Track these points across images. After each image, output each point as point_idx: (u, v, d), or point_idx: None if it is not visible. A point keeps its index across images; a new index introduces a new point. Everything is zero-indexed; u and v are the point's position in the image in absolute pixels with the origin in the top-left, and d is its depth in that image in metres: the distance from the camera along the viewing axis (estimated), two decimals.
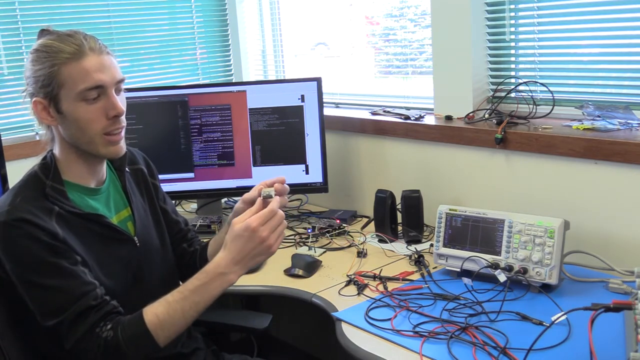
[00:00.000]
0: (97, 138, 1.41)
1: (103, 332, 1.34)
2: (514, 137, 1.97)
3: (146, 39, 2.88)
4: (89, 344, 1.33)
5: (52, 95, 1.38)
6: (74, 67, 1.36)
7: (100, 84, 1.38)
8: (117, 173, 1.59)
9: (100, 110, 1.40)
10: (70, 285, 1.34)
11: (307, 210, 2.59)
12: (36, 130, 2.56)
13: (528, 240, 1.68)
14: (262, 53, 3.17)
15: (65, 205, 1.40)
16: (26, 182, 1.43)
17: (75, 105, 1.38)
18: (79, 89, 1.36)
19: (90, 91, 1.37)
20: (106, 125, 1.41)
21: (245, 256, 1.38)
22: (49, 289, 1.34)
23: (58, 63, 1.36)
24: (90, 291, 1.36)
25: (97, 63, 1.38)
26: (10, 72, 2.51)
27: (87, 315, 1.34)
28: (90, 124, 1.40)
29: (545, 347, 1.38)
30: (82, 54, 1.37)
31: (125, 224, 1.56)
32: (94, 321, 1.34)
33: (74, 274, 1.35)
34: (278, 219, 1.41)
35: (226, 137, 2.40)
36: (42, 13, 2.56)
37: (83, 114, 1.39)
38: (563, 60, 2.05)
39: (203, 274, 1.38)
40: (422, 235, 2.15)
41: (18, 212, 1.33)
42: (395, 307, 1.64)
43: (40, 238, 1.33)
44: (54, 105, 1.39)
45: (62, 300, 1.33)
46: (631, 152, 1.71)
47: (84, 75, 1.36)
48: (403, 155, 2.37)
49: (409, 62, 2.56)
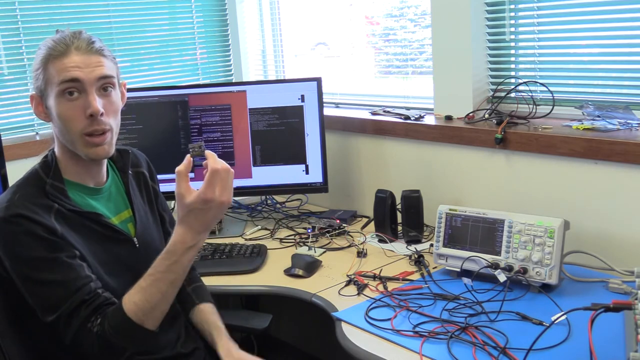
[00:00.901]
0: (77, 138, 1.42)
1: (94, 326, 1.36)
2: (514, 137, 1.97)
3: (146, 39, 2.88)
4: (84, 339, 1.36)
5: (41, 91, 1.43)
6: (57, 64, 1.39)
7: (75, 78, 1.39)
8: (120, 174, 1.60)
9: (80, 108, 1.40)
10: (67, 279, 1.36)
11: (307, 210, 2.59)
12: (36, 130, 2.56)
13: (528, 240, 1.68)
14: (262, 53, 3.17)
15: (65, 203, 1.41)
16: (26, 180, 1.44)
17: (57, 101, 1.41)
18: (56, 83, 1.39)
19: (66, 84, 1.39)
20: (85, 125, 1.41)
21: (208, 224, 1.39)
22: (47, 283, 1.35)
23: (47, 60, 1.40)
24: (85, 285, 1.37)
25: (78, 60, 1.40)
26: (10, 72, 2.51)
27: (79, 310, 1.35)
28: (70, 122, 1.41)
29: (545, 347, 1.38)
30: (67, 52, 1.40)
31: (126, 225, 1.56)
32: (85, 316, 1.36)
33: (71, 267, 1.37)
34: (223, 175, 1.37)
35: (226, 137, 2.40)
36: (42, 13, 2.56)
37: (63, 110, 1.40)
38: (563, 60, 2.05)
39: (170, 253, 1.38)
40: (422, 235, 2.15)
41: (15, 208, 1.35)
42: (395, 307, 1.64)
43: (37, 233, 1.34)
44: (44, 101, 1.44)
45: (60, 295, 1.35)
46: (631, 152, 1.71)
47: (62, 70, 1.39)
48: (403, 155, 2.37)
49: (409, 62, 2.56)
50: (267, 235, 2.31)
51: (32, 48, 2.53)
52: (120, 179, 1.60)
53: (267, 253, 2.13)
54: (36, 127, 2.56)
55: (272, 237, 2.30)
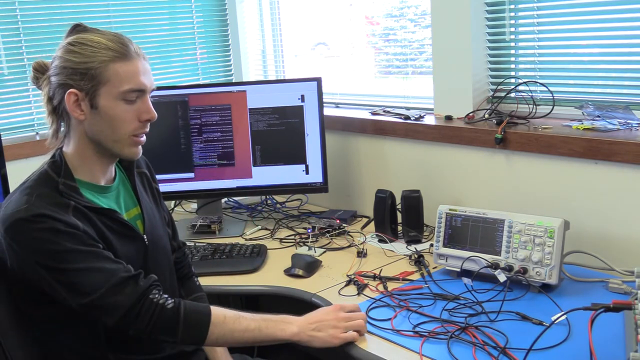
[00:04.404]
0: (125, 138, 1.45)
1: (160, 299, 1.40)
2: (514, 137, 1.97)
3: (146, 39, 2.88)
4: (143, 308, 1.38)
5: (90, 89, 1.39)
6: (122, 67, 1.39)
7: (143, 88, 1.43)
8: (126, 172, 1.61)
9: (135, 112, 1.44)
10: (101, 264, 1.37)
11: (307, 210, 2.59)
12: (36, 130, 2.56)
13: (528, 240, 1.68)
14: (262, 53, 3.17)
15: (81, 201, 1.41)
16: (38, 181, 1.42)
17: (114, 103, 1.41)
18: (124, 88, 1.40)
19: (133, 93, 1.42)
20: (136, 128, 1.46)
21: (315, 321, 1.53)
22: (80, 271, 1.35)
23: (106, 59, 1.38)
24: (120, 265, 1.40)
25: (142, 67, 1.43)
26: (10, 72, 2.51)
27: (126, 285, 1.37)
28: (123, 123, 1.43)
29: (545, 347, 1.38)
30: (130, 55, 1.41)
31: (135, 222, 1.57)
32: (144, 288, 1.39)
33: (101, 255, 1.38)
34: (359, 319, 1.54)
35: (226, 137, 2.40)
36: (42, 13, 2.56)
37: (120, 113, 1.42)
38: (563, 60, 2.05)
39: (278, 315, 1.54)
40: (422, 235, 2.15)
41: (36, 209, 1.34)
42: (395, 307, 1.64)
43: (61, 229, 1.34)
44: (89, 99, 1.40)
45: (96, 279, 1.36)
46: (631, 152, 1.71)
47: (131, 77, 1.40)
48: (403, 155, 2.37)
49: (409, 62, 2.56)
50: (267, 235, 2.31)
51: (32, 48, 2.53)
52: (127, 177, 1.61)
53: (267, 253, 2.13)
54: (36, 127, 2.56)
55: (272, 237, 2.30)
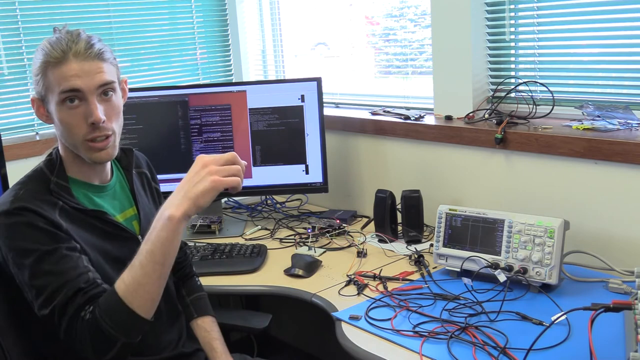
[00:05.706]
0: (80, 144, 1.41)
1: (86, 315, 1.29)
2: (514, 137, 1.97)
3: (146, 39, 2.88)
4: (77, 329, 1.29)
5: (42, 96, 1.42)
6: (56, 72, 1.37)
7: (75, 88, 1.37)
8: (125, 172, 1.60)
9: (81, 116, 1.39)
10: (64, 269, 1.33)
11: (307, 210, 2.59)
12: (36, 130, 2.56)
13: (528, 240, 1.68)
14: (262, 53, 3.17)
15: (69, 202, 1.42)
16: (31, 177, 1.45)
17: (57, 108, 1.39)
18: (57, 92, 1.38)
19: (66, 94, 1.37)
20: (87, 132, 1.40)
21: (184, 184, 1.28)
22: (45, 274, 1.32)
23: (45, 66, 1.38)
24: (83, 274, 1.33)
25: (77, 68, 1.37)
26: (10, 72, 2.51)
27: (75, 298, 1.31)
28: (72, 128, 1.40)
29: (545, 347, 1.38)
30: (65, 59, 1.36)
31: (131, 223, 1.57)
32: (80, 303, 1.30)
33: (70, 258, 1.34)
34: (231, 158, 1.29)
35: (226, 137, 2.40)
36: (42, 13, 2.56)
37: (65, 118, 1.40)
38: (563, 60, 2.05)
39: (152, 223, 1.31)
40: (422, 235, 2.15)
41: (20, 202, 1.35)
42: (395, 307, 1.64)
43: (38, 225, 1.34)
44: (45, 105, 1.43)
45: (55, 285, 1.31)
46: (631, 152, 1.71)
47: (61, 80, 1.37)
48: (403, 155, 2.37)
49: (409, 62, 2.56)
50: (267, 235, 2.31)
51: (32, 48, 2.52)
52: (124, 177, 1.60)
53: (267, 253, 2.13)
54: (36, 127, 2.55)
55: (272, 237, 2.30)
